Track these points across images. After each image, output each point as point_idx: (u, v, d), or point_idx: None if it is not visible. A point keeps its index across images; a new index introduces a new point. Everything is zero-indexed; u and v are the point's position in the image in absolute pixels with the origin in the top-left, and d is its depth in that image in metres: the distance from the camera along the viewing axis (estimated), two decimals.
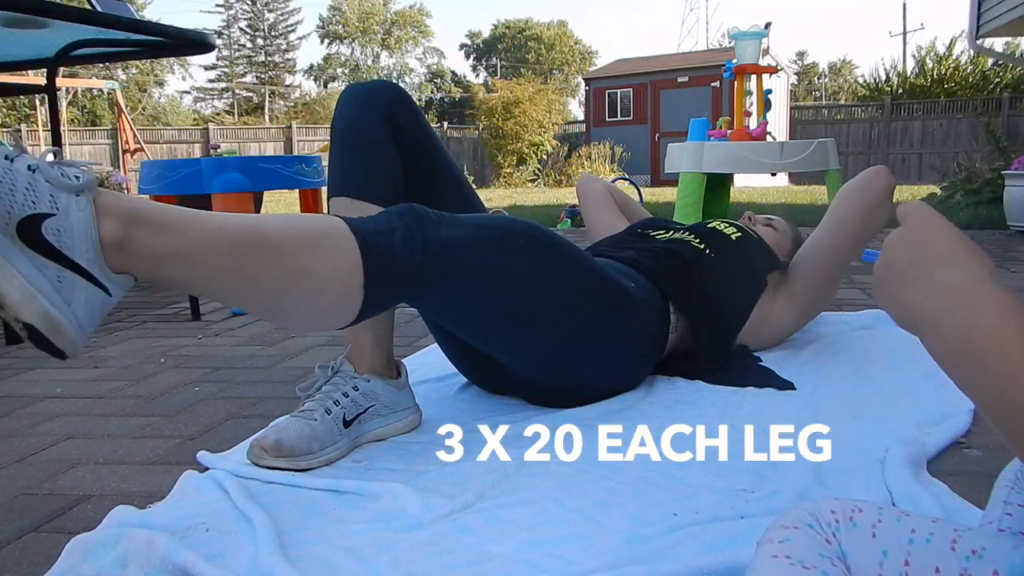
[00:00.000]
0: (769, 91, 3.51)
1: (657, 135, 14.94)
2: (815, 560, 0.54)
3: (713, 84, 14.23)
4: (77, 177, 0.78)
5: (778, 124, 14.06)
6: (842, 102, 26.92)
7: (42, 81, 2.30)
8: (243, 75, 39.25)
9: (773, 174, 3.35)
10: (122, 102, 12.17)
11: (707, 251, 1.55)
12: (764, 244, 1.68)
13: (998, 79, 15.67)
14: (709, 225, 1.67)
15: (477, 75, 43.77)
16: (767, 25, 3.55)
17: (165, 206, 0.85)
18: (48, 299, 0.75)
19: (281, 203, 9.25)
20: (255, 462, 1.08)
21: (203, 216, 0.86)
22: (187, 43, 2.32)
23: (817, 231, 1.64)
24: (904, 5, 29.94)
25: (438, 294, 1.04)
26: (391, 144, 1.28)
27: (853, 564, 0.56)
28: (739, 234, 1.64)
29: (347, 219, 0.95)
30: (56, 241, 0.76)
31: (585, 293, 1.22)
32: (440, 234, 0.99)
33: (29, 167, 0.76)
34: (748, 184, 12.08)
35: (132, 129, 12.25)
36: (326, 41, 42.31)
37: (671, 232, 1.66)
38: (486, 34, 44.13)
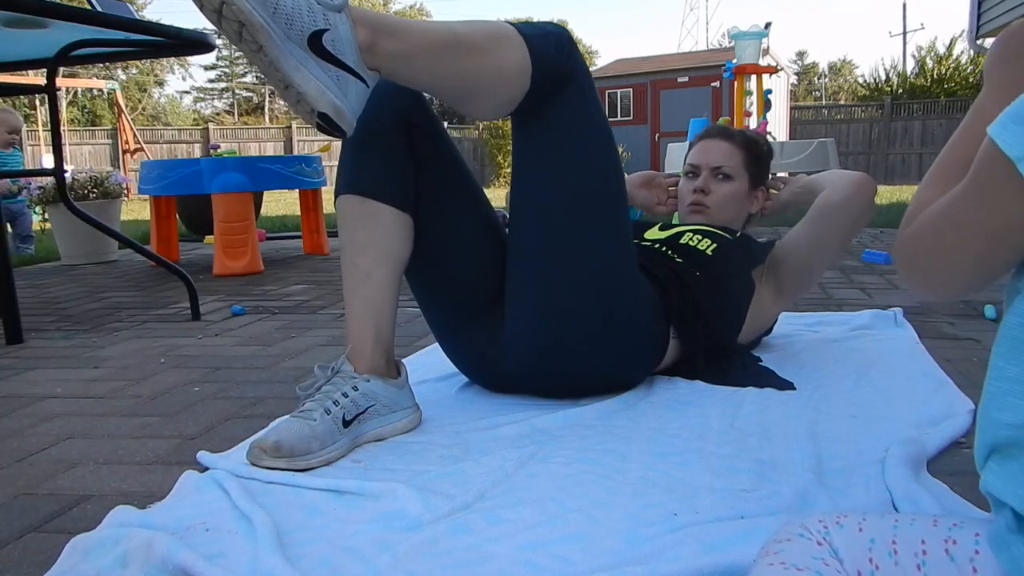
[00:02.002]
0: (769, 91, 3.52)
1: (657, 135, 14.94)
2: (807, 562, 0.59)
3: (713, 84, 14.22)
4: None
5: (778, 124, 14.04)
6: (842, 102, 26.94)
7: (42, 81, 2.30)
8: (243, 75, 39.26)
9: (773, 174, 3.34)
10: (122, 102, 12.20)
11: (694, 271, 1.47)
12: (740, 241, 1.59)
13: None
14: (681, 241, 1.56)
15: None
16: (767, 25, 3.55)
17: (390, 16, 1.06)
18: (333, 93, 0.99)
19: (281, 203, 9.26)
20: (255, 463, 1.08)
21: (415, 23, 1.08)
22: (187, 43, 2.32)
23: (799, 237, 1.62)
24: (904, 5, 29.99)
25: (556, 108, 1.20)
26: (404, 143, 1.27)
27: (845, 557, 0.60)
28: (714, 246, 1.54)
29: (514, 24, 1.15)
30: (333, 50, 0.98)
31: (618, 248, 1.29)
32: (578, 55, 1.21)
33: None
34: None
35: (132, 129, 12.28)
36: None
37: (655, 244, 1.58)
38: None
